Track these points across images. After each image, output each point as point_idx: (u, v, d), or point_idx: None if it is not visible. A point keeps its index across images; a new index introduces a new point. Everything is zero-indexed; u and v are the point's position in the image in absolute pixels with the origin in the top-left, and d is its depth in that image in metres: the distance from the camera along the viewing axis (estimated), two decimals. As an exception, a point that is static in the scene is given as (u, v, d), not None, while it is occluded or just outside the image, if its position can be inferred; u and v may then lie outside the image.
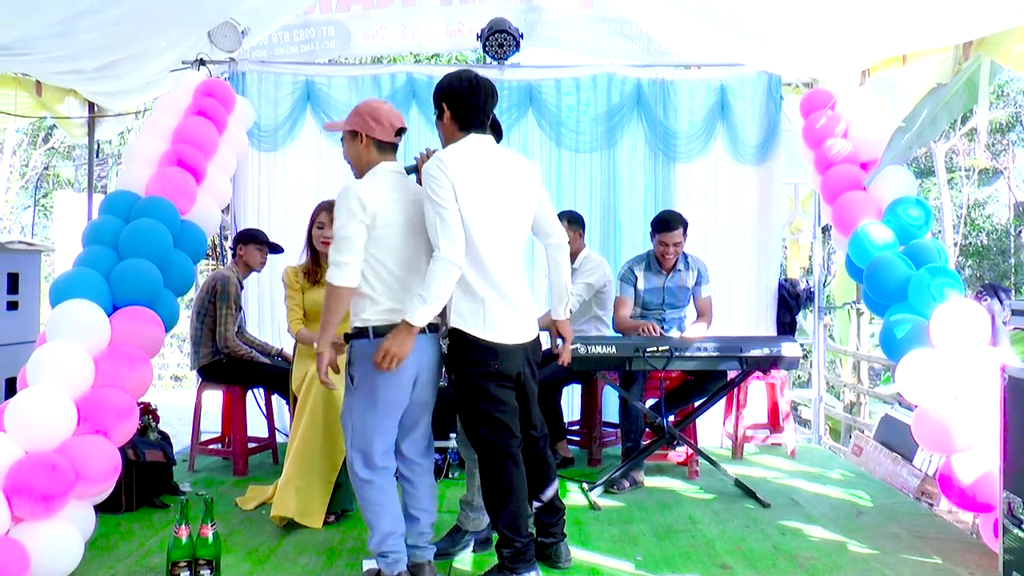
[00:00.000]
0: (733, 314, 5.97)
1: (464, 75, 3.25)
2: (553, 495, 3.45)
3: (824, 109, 5.27)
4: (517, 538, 3.20)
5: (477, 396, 3.18)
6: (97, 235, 4.25)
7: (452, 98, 3.21)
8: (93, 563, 3.46)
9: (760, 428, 5.90)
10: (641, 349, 4.43)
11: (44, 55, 4.91)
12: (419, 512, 3.29)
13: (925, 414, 3.95)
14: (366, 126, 3.18)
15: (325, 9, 6.29)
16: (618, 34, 6.37)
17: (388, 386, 3.10)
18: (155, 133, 4.79)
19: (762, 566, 3.57)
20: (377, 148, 3.21)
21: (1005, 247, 17.79)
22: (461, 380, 3.21)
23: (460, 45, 6.53)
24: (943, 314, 4.01)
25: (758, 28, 4.90)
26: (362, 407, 3.13)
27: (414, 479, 3.30)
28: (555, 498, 3.47)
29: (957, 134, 15.19)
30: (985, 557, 3.62)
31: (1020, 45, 3.96)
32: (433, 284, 2.99)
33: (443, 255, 3.01)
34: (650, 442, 4.87)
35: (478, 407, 3.19)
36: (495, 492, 3.23)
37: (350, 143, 3.24)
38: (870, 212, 4.70)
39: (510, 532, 3.21)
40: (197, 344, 4.95)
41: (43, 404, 3.33)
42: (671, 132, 5.99)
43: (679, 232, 4.86)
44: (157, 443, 4.49)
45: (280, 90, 5.87)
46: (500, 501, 3.22)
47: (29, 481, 3.10)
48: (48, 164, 17.32)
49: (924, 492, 4.93)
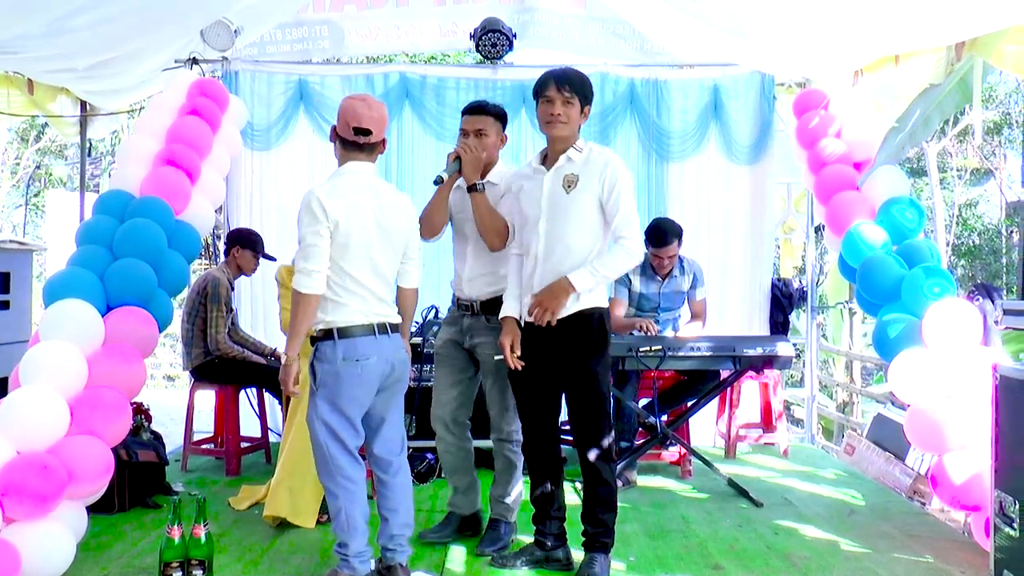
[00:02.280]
0: (726, 313, 5.97)
1: None
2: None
3: (817, 109, 5.29)
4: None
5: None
6: (91, 235, 4.23)
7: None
8: (85, 564, 3.44)
9: (753, 427, 5.91)
10: (635, 348, 4.43)
11: (36, 53, 4.89)
12: (389, 513, 3.24)
13: (918, 413, 3.96)
14: (337, 123, 3.15)
15: (318, 9, 6.27)
16: (611, 34, 6.36)
17: (352, 386, 3.09)
18: (149, 132, 4.77)
19: (755, 565, 3.57)
20: (343, 146, 3.14)
21: (997, 247, 17.86)
22: (605, 369, 3.32)
23: (453, 45, 6.52)
24: (936, 314, 4.02)
25: (751, 28, 4.90)
26: (327, 408, 3.10)
27: (387, 479, 3.26)
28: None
29: (949, 135, 15.23)
30: (977, 556, 3.63)
31: (1012, 46, 3.97)
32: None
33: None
34: (643, 442, 4.87)
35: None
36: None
37: (333, 143, 3.21)
38: (863, 212, 4.71)
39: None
40: (189, 345, 4.94)
41: (36, 404, 3.32)
42: (664, 132, 6.00)
43: (674, 245, 4.86)
44: (150, 443, 4.47)
45: (273, 89, 5.86)
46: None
47: (21, 481, 3.09)
48: (40, 163, 17.25)
49: (916, 491, 4.94)
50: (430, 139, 5.91)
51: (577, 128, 3.28)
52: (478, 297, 3.57)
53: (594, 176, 3.21)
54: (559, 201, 3.24)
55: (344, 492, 3.12)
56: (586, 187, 3.21)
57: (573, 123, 3.24)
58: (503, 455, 3.67)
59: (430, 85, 5.88)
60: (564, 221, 3.23)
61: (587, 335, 3.24)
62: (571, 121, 3.23)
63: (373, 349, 3.10)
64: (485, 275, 3.56)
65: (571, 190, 3.22)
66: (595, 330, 3.26)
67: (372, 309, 3.12)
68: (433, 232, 3.57)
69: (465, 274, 3.60)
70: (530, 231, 3.31)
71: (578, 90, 3.22)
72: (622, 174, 3.23)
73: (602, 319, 3.29)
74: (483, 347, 3.56)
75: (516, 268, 3.40)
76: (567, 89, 3.20)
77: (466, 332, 3.61)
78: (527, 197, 3.34)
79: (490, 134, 3.54)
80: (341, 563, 3.15)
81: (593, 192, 3.21)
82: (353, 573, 3.13)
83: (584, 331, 3.23)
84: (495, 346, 3.42)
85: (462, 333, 3.63)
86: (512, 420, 3.60)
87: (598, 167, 3.22)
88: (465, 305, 3.61)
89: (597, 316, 3.26)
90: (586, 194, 3.21)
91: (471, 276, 3.58)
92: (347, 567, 3.13)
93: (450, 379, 3.68)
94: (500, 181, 3.55)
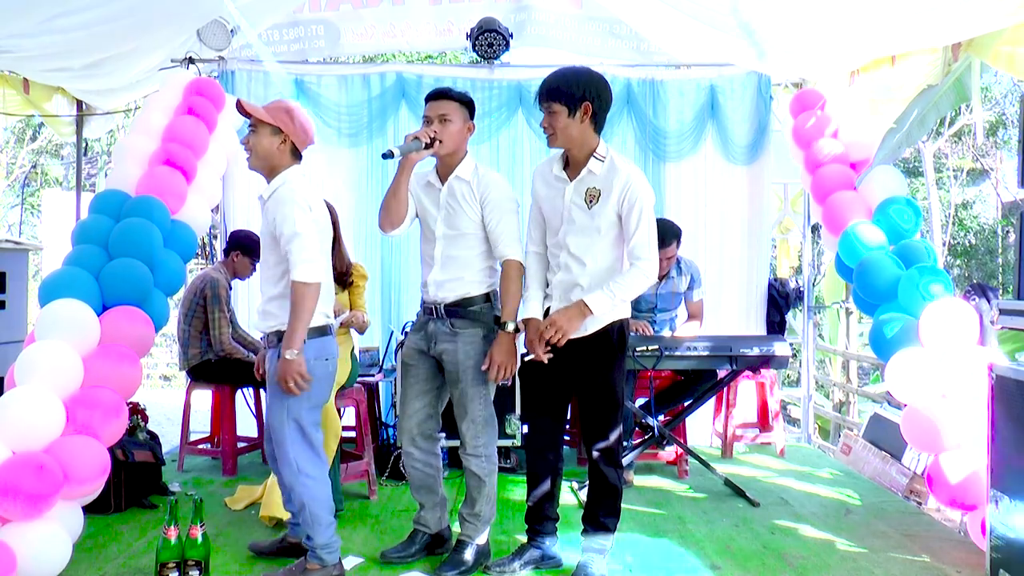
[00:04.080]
0: (723, 313, 5.97)
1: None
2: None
3: (814, 109, 5.29)
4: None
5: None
6: (87, 234, 4.22)
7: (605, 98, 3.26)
8: (81, 564, 3.43)
9: (749, 427, 5.92)
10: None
11: (32, 52, 4.88)
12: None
13: (914, 413, 3.97)
14: (294, 131, 3.19)
15: (314, 8, 6.26)
16: (608, 33, 6.36)
17: (323, 385, 3.22)
18: (145, 132, 4.76)
19: (751, 565, 3.57)
20: (292, 154, 3.22)
21: (992, 247, 17.88)
22: (621, 374, 3.30)
23: (449, 44, 6.52)
24: (932, 313, 4.03)
25: (748, 28, 4.90)
26: (303, 407, 3.16)
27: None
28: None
29: (945, 135, 15.26)
30: (973, 555, 3.63)
31: (1009, 46, 3.99)
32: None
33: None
34: (640, 441, 4.87)
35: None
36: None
37: (267, 137, 3.17)
38: (860, 212, 4.71)
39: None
40: (186, 345, 4.93)
41: (31, 404, 3.31)
42: (661, 132, 6.00)
43: (672, 247, 4.86)
44: (146, 443, 4.47)
45: (269, 89, 5.84)
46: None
47: (16, 482, 3.08)
48: (36, 162, 17.22)
49: (912, 491, 4.95)
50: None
51: (578, 133, 3.17)
52: (442, 300, 3.35)
53: (614, 192, 3.15)
54: (581, 217, 3.20)
55: (305, 489, 3.19)
56: (607, 201, 3.16)
57: (563, 131, 3.16)
58: (471, 470, 3.40)
59: (427, 85, 5.86)
60: (585, 236, 3.19)
61: (607, 349, 3.23)
62: (560, 130, 3.15)
63: (333, 348, 3.27)
64: (453, 280, 3.34)
65: (593, 205, 3.17)
66: (615, 344, 3.24)
67: (326, 309, 3.24)
68: (393, 223, 3.37)
69: (432, 278, 3.38)
70: (551, 239, 3.30)
71: (556, 93, 3.14)
72: (643, 193, 3.16)
73: (622, 330, 3.27)
74: (448, 354, 3.34)
75: (537, 267, 3.35)
76: (544, 98, 3.17)
77: (431, 338, 3.39)
78: (548, 205, 3.29)
79: (455, 120, 3.29)
80: (309, 555, 3.25)
81: (613, 208, 3.16)
82: (320, 563, 3.23)
83: (604, 346, 3.22)
84: (461, 353, 3.30)
85: (427, 339, 3.41)
86: (481, 433, 3.37)
87: (620, 183, 3.14)
88: (429, 308, 3.40)
89: (617, 329, 3.24)
90: (607, 209, 3.16)
91: (439, 280, 3.36)
92: (314, 558, 3.23)
93: (416, 389, 3.46)
94: (471, 178, 3.33)
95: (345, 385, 4.31)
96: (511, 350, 3.26)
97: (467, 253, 3.34)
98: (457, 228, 3.33)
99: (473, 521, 3.43)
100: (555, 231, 3.27)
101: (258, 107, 3.22)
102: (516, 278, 3.29)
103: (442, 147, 3.28)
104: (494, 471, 3.44)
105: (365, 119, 5.88)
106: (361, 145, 5.89)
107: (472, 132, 3.41)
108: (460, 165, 3.35)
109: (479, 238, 3.33)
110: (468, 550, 3.42)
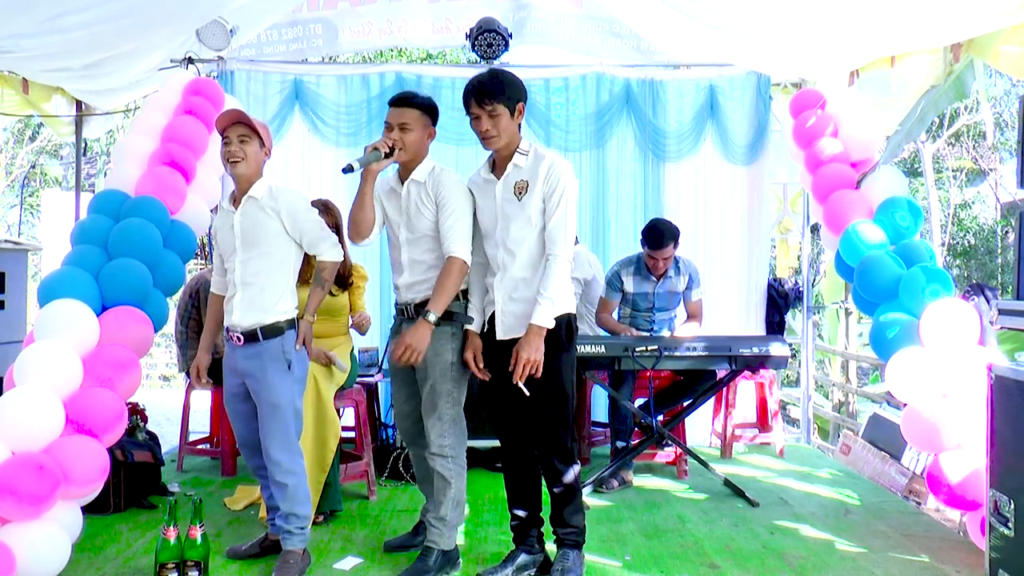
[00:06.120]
0: (722, 313, 5.97)
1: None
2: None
3: (814, 109, 5.29)
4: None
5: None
6: (86, 234, 4.22)
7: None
8: (80, 565, 3.44)
9: (749, 427, 5.92)
10: (631, 348, 4.44)
11: (32, 52, 4.88)
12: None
13: (914, 413, 3.96)
14: (269, 148, 3.47)
15: (313, 7, 6.26)
16: (608, 33, 6.36)
17: (304, 372, 3.45)
18: (144, 132, 4.76)
19: (751, 565, 3.57)
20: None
21: (992, 247, 17.89)
22: (570, 367, 3.29)
23: (447, 42, 6.50)
24: (933, 313, 4.03)
25: (747, 28, 4.91)
26: (297, 395, 3.40)
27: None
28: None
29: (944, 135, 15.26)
30: (972, 555, 3.64)
31: (1009, 46, 3.99)
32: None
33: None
34: (639, 441, 4.88)
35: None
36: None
37: (257, 148, 3.40)
38: (861, 211, 4.71)
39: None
40: (184, 347, 4.93)
41: (30, 404, 3.31)
42: (660, 132, 6.00)
43: (669, 248, 4.85)
44: (145, 443, 4.46)
45: (268, 89, 5.85)
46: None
47: (15, 482, 3.08)
48: (35, 162, 17.21)
49: (912, 491, 4.95)
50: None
51: (515, 131, 3.21)
52: (412, 300, 3.34)
53: (539, 179, 3.16)
54: (512, 209, 3.20)
55: (300, 468, 3.39)
56: (534, 190, 3.16)
57: (505, 131, 3.17)
58: (437, 471, 3.32)
59: (426, 85, 5.87)
60: (520, 228, 3.19)
61: (554, 341, 3.18)
62: (503, 131, 3.16)
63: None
64: (421, 281, 3.32)
65: (523, 196, 3.18)
66: (561, 335, 3.21)
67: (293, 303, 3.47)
68: (361, 234, 3.35)
69: (401, 282, 3.38)
70: (489, 242, 3.28)
71: (500, 96, 3.14)
72: (564, 179, 3.15)
73: (570, 324, 3.24)
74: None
75: (478, 278, 3.33)
76: (487, 101, 3.14)
77: None
78: (484, 210, 3.28)
79: (415, 128, 3.26)
80: (288, 542, 3.38)
81: (540, 195, 3.16)
82: (305, 542, 3.40)
83: (552, 338, 3.17)
84: (429, 351, 3.22)
85: None
86: (447, 432, 3.30)
87: (544, 170, 3.15)
88: (401, 310, 3.40)
89: (565, 322, 3.21)
90: (534, 198, 3.16)
91: (408, 283, 3.35)
92: (294, 542, 3.37)
93: (404, 392, 3.47)
94: (425, 179, 3.29)
95: (345, 385, 4.30)
96: (424, 338, 3.18)
97: (430, 256, 3.31)
98: (418, 231, 3.31)
99: (438, 526, 3.35)
100: (492, 233, 3.26)
101: (259, 120, 3.47)
102: (455, 275, 3.21)
103: (402, 154, 3.28)
104: (462, 474, 3.36)
105: (364, 119, 5.87)
106: (360, 145, 5.87)
107: (433, 138, 3.39)
108: (417, 168, 3.32)
109: (439, 239, 3.30)
110: (431, 557, 3.33)
